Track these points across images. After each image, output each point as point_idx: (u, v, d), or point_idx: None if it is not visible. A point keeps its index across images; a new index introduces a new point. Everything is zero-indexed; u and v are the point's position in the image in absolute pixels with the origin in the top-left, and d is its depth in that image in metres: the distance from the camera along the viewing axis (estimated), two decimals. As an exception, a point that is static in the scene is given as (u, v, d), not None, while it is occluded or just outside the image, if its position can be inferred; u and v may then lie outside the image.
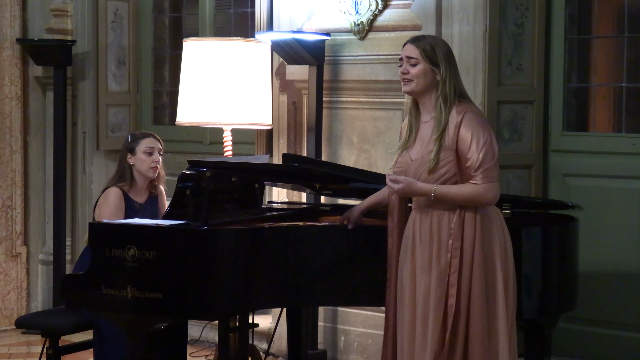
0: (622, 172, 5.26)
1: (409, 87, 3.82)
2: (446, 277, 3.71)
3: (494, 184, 3.72)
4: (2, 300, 6.80)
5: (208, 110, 5.36)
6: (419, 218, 3.82)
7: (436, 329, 3.70)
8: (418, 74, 3.79)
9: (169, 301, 4.01)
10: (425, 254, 3.78)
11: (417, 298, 3.79)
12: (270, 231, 4.24)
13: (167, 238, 4.07)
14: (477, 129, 3.72)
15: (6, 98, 6.77)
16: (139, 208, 4.87)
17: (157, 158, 4.94)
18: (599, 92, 5.56)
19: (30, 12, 6.91)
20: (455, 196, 3.72)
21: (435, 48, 3.80)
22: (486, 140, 3.71)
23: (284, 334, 5.33)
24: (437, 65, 3.78)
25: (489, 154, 3.70)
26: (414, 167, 3.80)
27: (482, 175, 3.69)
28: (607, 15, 5.56)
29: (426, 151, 3.77)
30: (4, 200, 6.79)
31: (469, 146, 3.69)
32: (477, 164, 3.68)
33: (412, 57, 3.80)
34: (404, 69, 3.83)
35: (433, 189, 3.72)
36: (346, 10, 5.62)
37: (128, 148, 4.92)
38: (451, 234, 3.72)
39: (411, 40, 3.87)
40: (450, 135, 3.72)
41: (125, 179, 4.90)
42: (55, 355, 4.82)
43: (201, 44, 5.48)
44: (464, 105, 3.78)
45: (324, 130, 5.71)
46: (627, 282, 5.25)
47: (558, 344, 4.94)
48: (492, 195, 3.73)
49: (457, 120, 3.72)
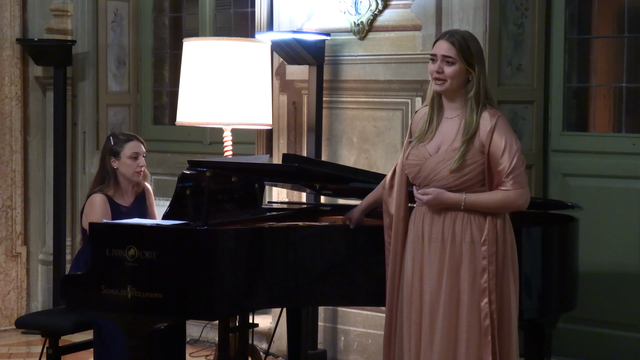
0: (622, 172, 5.26)
1: (443, 87, 3.75)
2: (484, 283, 3.70)
3: (524, 190, 3.72)
4: (2, 300, 6.80)
5: (208, 110, 5.36)
6: (430, 216, 3.80)
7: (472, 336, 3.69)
8: (454, 74, 3.73)
9: (169, 301, 4.00)
10: (436, 254, 3.77)
11: (424, 296, 3.78)
12: (270, 231, 4.24)
13: (167, 238, 4.07)
14: (510, 136, 3.72)
15: (6, 98, 6.77)
16: (126, 211, 4.82)
17: (143, 162, 4.88)
18: (599, 92, 5.56)
19: (30, 12, 6.91)
20: (486, 203, 3.71)
21: (470, 46, 3.73)
22: (518, 147, 3.72)
23: (284, 334, 5.32)
24: (472, 65, 3.73)
25: (520, 160, 3.71)
26: (432, 163, 3.76)
27: (513, 181, 3.68)
28: (607, 15, 5.56)
29: (450, 149, 3.74)
30: (4, 200, 6.79)
31: (502, 152, 3.68)
32: (509, 170, 3.68)
33: (449, 56, 3.72)
34: (438, 67, 3.75)
35: (463, 198, 3.71)
36: (346, 10, 5.62)
37: (112, 151, 4.83)
38: (484, 239, 3.70)
39: (445, 36, 3.78)
40: (482, 139, 3.70)
41: (109, 183, 4.82)
42: (55, 355, 4.81)
43: (201, 44, 5.48)
44: (494, 109, 3.76)
45: (324, 130, 5.71)
46: (627, 282, 5.25)
47: (558, 344, 4.95)
48: (523, 201, 3.73)
49: (491, 125, 3.69)
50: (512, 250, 3.80)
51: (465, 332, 3.71)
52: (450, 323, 3.73)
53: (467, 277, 3.72)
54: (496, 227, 3.73)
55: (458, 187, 3.73)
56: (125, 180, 4.87)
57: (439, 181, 3.75)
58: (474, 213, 3.73)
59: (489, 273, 3.70)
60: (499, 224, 3.74)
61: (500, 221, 3.75)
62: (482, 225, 3.73)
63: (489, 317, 3.69)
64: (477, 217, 3.74)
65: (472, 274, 3.72)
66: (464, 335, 3.71)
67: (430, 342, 3.75)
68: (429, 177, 3.77)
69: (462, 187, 3.73)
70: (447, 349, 3.72)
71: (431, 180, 3.77)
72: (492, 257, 3.71)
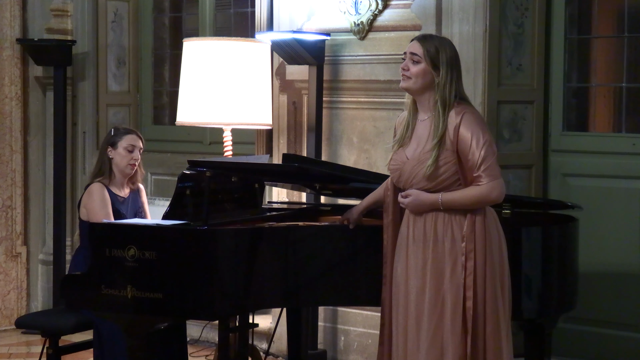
0: (622, 172, 5.26)
1: (406, 84, 3.83)
2: (461, 279, 3.71)
3: (497, 181, 3.73)
4: (2, 300, 6.80)
5: (208, 110, 5.36)
6: (413, 218, 3.83)
7: (456, 332, 3.70)
8: (417, 72, 3.79)
9: (169, 301, 4.00)
10: (418, 254, 3.80)
11: (410, 297, 3.80)
12: (270, 231, 4.24)
13: (167, 238, 4.07)
14: (476, 128, 3.72)
15: (6, 98, 6.77)
16: (123, 201, 4.90)
17: (137, 156, 4.95)
18: (599, 92, 5.56)
19: (30, 12, 6.91)
20: (462, 200, 3.73)
21: (440, 50, 3.78)
22: (486, 139, 3.72)
23: (284, 334, 5.32)
24: (438, 68, 3.77)
25: (489, 152, 3.71)
26: (409, 166, 3.80)
27: (485, 174, 3.70)
28: (607, 15, 5.56)
29: (423, 151, 3.78)
30: (4, 200, 6.79)
31: (469, 146, 3.70)
32: (479, 162, 3.69)
33: (416, 54, 3.80)
34: (404, 64, 3.83)
35: (439, 197, 3.74)
36: (346, 10, 5.62)
37: (110, 141, 4.93)
38: (463, 236, 3.72)
39: (418, 37, 3.86)
40: (450, 137, 3.72)
41: (104, 172, 4.91)
42: (55, 355, 4.82)
43: (201, 44, 5.48)
44: (462, 106, 3.78)
45: (324, 130, 5.71)
46: (627, 282, 5.25)
47: (558, 344, 4.94)
48: (498, 193, 3.73)
49: (456, 122, 3.73)
50: (499, 246, 3.80)
51: (450, 330, 3.72)
52: (437, 324, 3.74)
53: (450, 276, 3.74)
54: (474, 223, 3.74)
55: (436, 189, 3.77)
56: (118, 172, 4.92)
57: (417, 184, 3.79)
58: (454, 212, 3.76)
59: (466, 269, 3.72)
60: (477, 219, 3.74)
61: (480, 217, 3.75)
62: (462, 223, 3.75)
63: (462, 313, 3.70)
64: (458, 216, 3.76)
65: (455, 273, 3.74)
66: (449, 333, 3.72)
67: (417, 341, 3.76)
68: (409, 180, 3.81)
69: (439, 188, 3.76)
70: (434, 349, 3.73)
71: (411, 183, 3.81)
72: (471, 253, 3.72)
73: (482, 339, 3.74)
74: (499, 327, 3.77)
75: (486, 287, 3.74)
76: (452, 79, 3.78)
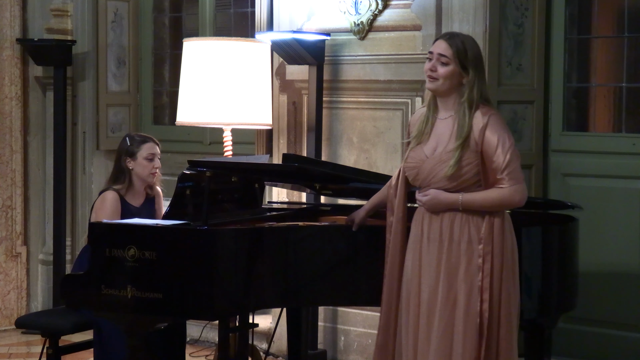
0: (622, 172, 5.26)
1: (434, 85, 3.77)
2: (476, 281, 3.70)
3: (520, 186, 3.71)
4: (2, 300, 6.80)
5: (208, 110, 5.36)
6: (429, 217, 3.80)
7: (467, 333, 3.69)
8: (446, 74, 3.74)
9: (169, 301, 4.00)
10: (433, 253, 3.77)
11: (422, 296, 3.78)
12: (270, 231, 4.24)
13: (167, 238, 4.07)
14: (502, 132, 3.71)
15: (6, 98, 6.77)
16: (135, 212, 4.85)
17: (158, 164, 4.94)
18: (599, 92, 5.56)
19: (30, 12, 6.91)
20: (483, 202, 3.71)
21: (467, 50, 3.73)
22: (511, 143, 3.71)
23: (284, 334, 5.32)
24: (466, 69, 3.73)
25: (514, 155, 3.70)
26: (429, 165, 3.77)
27: (508, 178, 3.68)
28: (607, 15, 5.56)
29: (445, 150, 3.74)
30: (4, 200, 6.79)
31: (495, 149, 3.68)
32: (504, 166, 3.67)
33: (445, 55, 3.74)
34: (432, 65, 3.76)
35: (460, 198, 3.72)
36: (346, 10, 5.62)
37: (128, 152, 4.88)
38: (480, 238, 3.71)
39: (445, 37, 3.79)
40: (475, 138, 3.70)
41: (123, 181, 4.87)
42: (55, 355, 4.82)
43: (201, 44, 5.48)
44: (487, 107, 3.75)
45: (324, 130, 5.71)
46: (627, 282, 5.25)
47: (558, 344, 4.94)
48: (520, 197, 3.72)
49: (483, 123, 3.70)
50: (513, 250, 3.80)
51: (461, 332, 3.71)
52: (447, 323, 3.72)
53: (464, 277, 3.72)
54: (493, 226, 3.73)
55: (456, 189, 3.74)
56: (139, 181, 4.90)
57: (436, 183, 3.76)
58: (472, 213, 3.74)
59: (483, 271, 3.70)
60: (496, 222, 3.73)
61: (499, 220, 3.74)
62: (479, 224, 3.73)
63: (479, 316, 3.69)
64: (475, 217, 3.74)
65: (469, 274, 3.72)
66: (460, 335, 3.71)
67: (428, 342, 3.75)
68: (427, 179, 3.78)
69: (459, 188, 3.74)
70: (443, 348, 3.72)
71: (429, 182, 3.78)
72: (488, 255, 3.71)
73: (495, 341, 3.73)
74: (512, 329, 3.77)
75: (501, 290, 3.73)
76: (480, 78, 3.75)
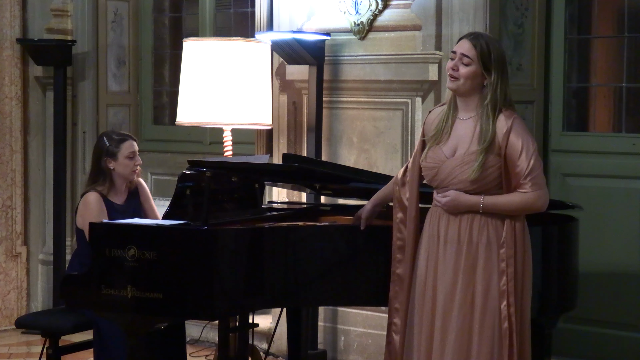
0: (622, 172, 5.26)
1: (455, 85, 3.73)
2: (502, 285, 3.68)
3: (543, 191, 3.70)
4: (2, 300, 6.80)
5: (208, 110, 5.36)
6: (447, 217, 3.77)
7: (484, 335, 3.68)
8: (467, 74, 3.71)
9: (169, 301, 4.00)
10: (451, 255, 3.75)
11: (438, 297, 3.76)
12: (270, 231, 4.24)
13: (167, 238, 4.07)
14: (526, 136, 3.69)
15: (6, 98, 6.77)
16: (120, 209, 4.84)
17: (139, 161, 4.92)
18: (599, 92, 5.56)
19: (30, 12, 6.91)
20: (505, 206, 3.70)
21: (491, 51, 3.70)
22: (535, 148, 3.70)
23: (284, 334, 5.32)
24: (489, 71, 3.70)
25: (537, 161, 3.68)
26: (450, 166, 3.74)
27: (531, 183, 3.66)
28: (607, 15, 5.56)
29: (467, 152, 3.71)
30: (4, 200, 6.79)
31: (519, 153, 3.66)
32: (527, 171, 3.65)
33: (468, 56, 3.70)
34: (454, 64, 3.73)
35: (481, 200, 3.70)
36: (346, 10, 5.62)
37: (109, 152, 4.83)
38: (502, 242, 3.69)
39: (469, 37, 3.75)
40: (499, 141, 3.67)
41: (103, 182, 4.84)
42: (55, 355, 4.81)
43: (201, 44, 5.48)
44: (510, 111, 3.72)
45: (324, 130, 5.71)
46: (627, 282, 5.25)
47: (558, 344, 4.94)
48: (542, 203, 3.71)
49: (507, 127, 3.67)
50: (529, 252, 3.79)
51: (477, 334, 3.69)
52: (464, 325, 3.70)
53: (481, 279, 3.70)
54: (515, 229, 3.71)
55: (476, 191, 3.72)
56: (120, 180, 4.88)
57: (456, 185, 3.73)
58: (492, 215, 3.72)
59: (507, 275, 3.68)
60: (517, 226, 3.72)
61: (520, 224, 3.73)
62: (499, 227, 3.71)
63: (507, 320, 3.68)
64: (495, 220, 3.72)
65: (487, 276, 3.70)
66: (476, 337, 3.69)
67: (442, 343, 3.73)
68: (447, 180, 3.75)
69: (480, 191, 3.72)
70: (460, 350, 3.70)
71: (449, 183, 3.75)
72: (511, 259, 3.69)
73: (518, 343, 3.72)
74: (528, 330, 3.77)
75: (523, 294, 3.73)
76: (503, 80, 3.71)
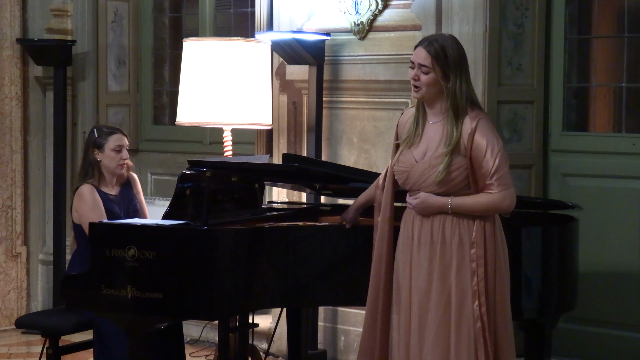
0: (622, 172, 5.26)
1: (419, 94, 3.76)
2: (473, 285, 3.69)
3: (509, 191, 3.71)
4: (2, 300, 6.81)
5: (208, 110, 5.36)
6: (419, 220, 3.81)
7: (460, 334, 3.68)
8: (428, 82, 3.73)
9: (169, 301, 4.00)
10: (425, 255, 3.77)
11: (413, 298, 3.78)
12: (270, 231, 4.24)
13: (167, 238, 4.07)
14: (491, 136, 3.70)
15: (6, 98, 6.77)
16: (115, 200, 4.87)
17: (126, 155, 4.92)
18: (599, 92, 5.56)
19: (30, 12, 6.91)
20: (472, 206, 3.72)
21: (447, 55, 3.71)
22: (500, 147, 3.70)
23: (284, 334, 5.33)
24: (447, 75, 3.72)
25: (503, 160, 3.69)
26: (419, 170, 3.77)
27: (497, 183, 3.68)
28: (607, 15, 5.56)
29: (434, 155, 3.74)
30: (4, 200, 6.79)
31: (484, 153, 3.67)
32: (493, 171, 3.67)
33: (424, 65, 3.73)
34: (414, 74, 3.76)
35: (449, 202, 3.72)
36: (346, 10, 5.62)
37: (96, 144, 4.87)
38: (472, 242, 3.70)
39: (423, 43, 3.77)
40: (464, 142, 3.69)
41: (93, 174, 4.86)
42: (55, 355, 4.82)
43: (201, 44, 5.48)
44: (475, 111, 3.74)
45: (324, 130, 5.71)
46: (627, 282, 5.25)
47: (558, 344, 4.95)
48: (509, 202, 3.72)
49: (471, 127, 3.69)
50: (503, 251, 3.79)
51: (455, 334, 3.70)
52: (442, 325, 3.72)
53: (456, 279, 3.72)
54: (484, 229, 3.73)
55: (445, 193, 3.74)
56: (108, 173, 4.90)
57: (426, 187, 3.76)
58: (463, 216, 3.74)
59: (477, 276, 3.70)
60: (487, 226, 3.73)
61: (490, 224, 3.74)
62: (470, 227, 3.73)
63: (479, 320, 3.69)
64: (466, 220, 3.74)
65: (461, 276, 3.72)
66: (454, 337, 3.70)
67: (420, 343, 3.75)
68: (417, 183, 3.79)
69: (449, 192, 3.74)
70: (438, 349, 3.71)
71: (419, 186, 3.78)
72: (481, 259, 3.71)
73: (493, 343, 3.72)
74: (509, 329, 3.77)
75: (496, 293, 3.73)
76: (462, 83, 3.73)
